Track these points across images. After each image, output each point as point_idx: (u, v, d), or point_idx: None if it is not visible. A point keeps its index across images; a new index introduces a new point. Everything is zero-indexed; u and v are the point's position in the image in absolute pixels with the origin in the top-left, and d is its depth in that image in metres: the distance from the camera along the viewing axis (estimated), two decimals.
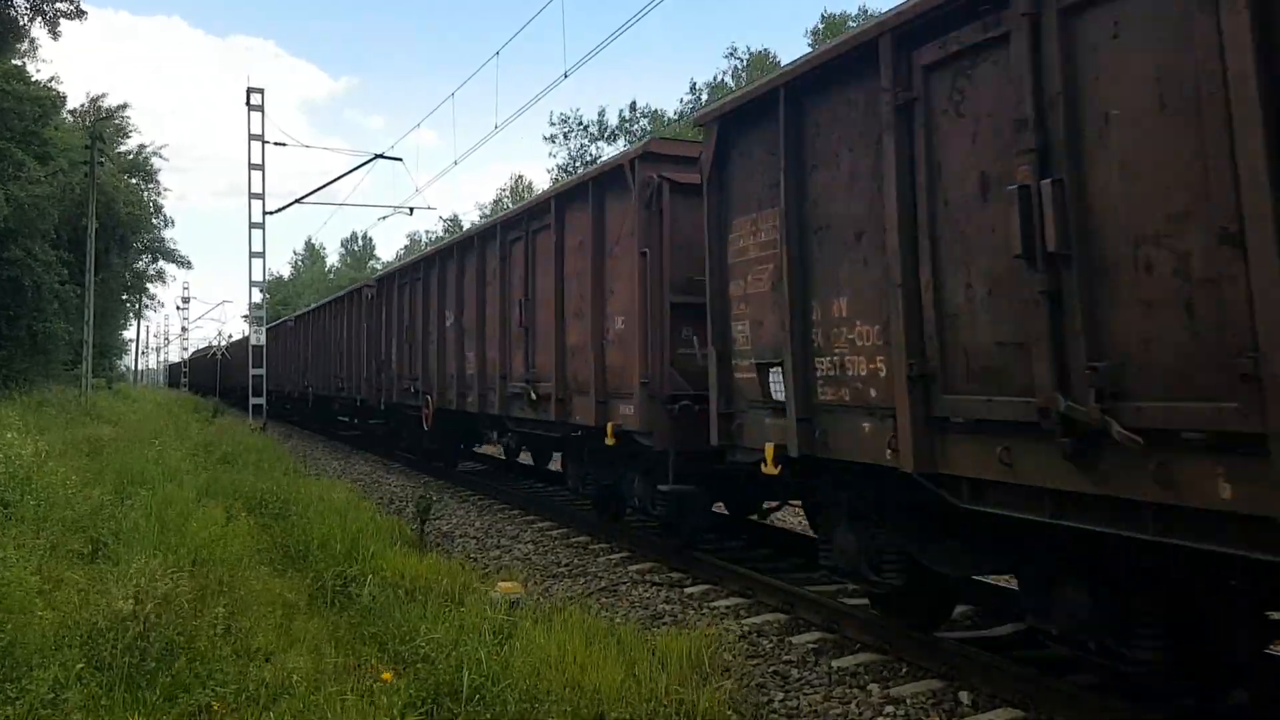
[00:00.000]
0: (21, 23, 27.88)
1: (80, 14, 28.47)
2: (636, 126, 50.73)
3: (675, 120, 47.50)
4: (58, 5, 27.95)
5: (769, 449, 6.26)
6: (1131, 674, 4.59)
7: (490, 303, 12.27)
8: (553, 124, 55.06)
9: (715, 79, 49.02)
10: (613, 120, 52.83)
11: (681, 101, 50.91)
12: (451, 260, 14.21)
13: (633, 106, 52.98)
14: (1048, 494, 4.41)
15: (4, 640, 4.56)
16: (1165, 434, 3.75)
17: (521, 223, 11.46)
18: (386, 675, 4.94)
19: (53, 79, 34.23)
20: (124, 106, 46.95)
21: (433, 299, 15.12)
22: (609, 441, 8.83)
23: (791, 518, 10.98)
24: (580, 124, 53.60)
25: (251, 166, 27.30)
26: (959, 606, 6.73)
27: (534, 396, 10.56)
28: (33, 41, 30.28)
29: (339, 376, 22.44)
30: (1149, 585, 4.40)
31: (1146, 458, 3.81)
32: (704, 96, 47.08)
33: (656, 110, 51.23)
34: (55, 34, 28.81)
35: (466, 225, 60.53)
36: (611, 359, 9.03)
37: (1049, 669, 5.52)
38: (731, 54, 49.57)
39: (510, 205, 52.65)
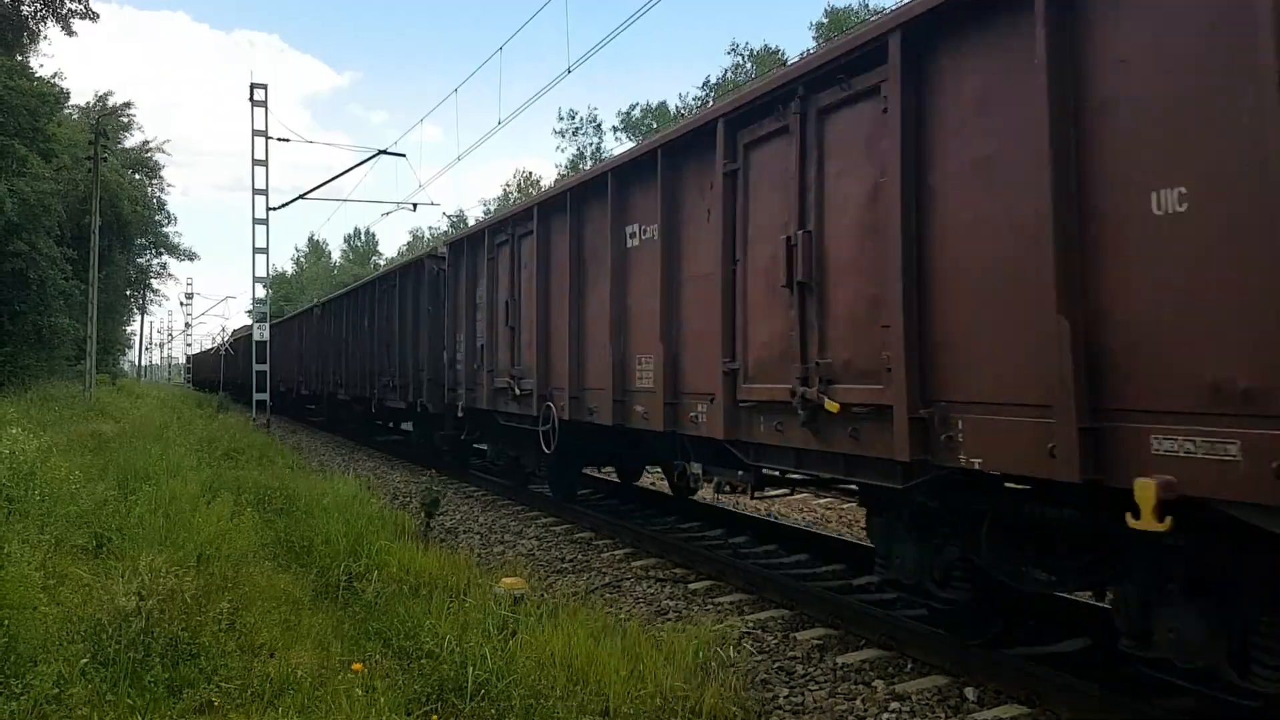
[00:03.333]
0: (32, 22, 27.98)
1: (92, 14, 28.62)
2: (645, 124, 50.73)
3: (681, 115, 47.44)
4: (70, 5, 28.08)
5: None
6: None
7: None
8: (561, 119, 55.16)
9: (724, 75, 49.00)
10: (610, 120, 52.90)
11: (681, 97, 50.89)
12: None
13: (653, 109, 52.90)
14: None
15: (8, 636, 4.56)
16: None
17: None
18: (357, 666, 4.92)
19: (55, 74, 34.35)
20: (129, 104, 47.09)
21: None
22: None
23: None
24: (593, 120, 53.66)
25: (255, 162, 27.30)
26: None
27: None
28: (45, 38, 30.39)
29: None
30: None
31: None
32: (712, 94, 47.00)
33: (669, 106, 51.21)
34: (70, 32, 28.95)
35: (471, 222, 60.45)
36: None
37: (1055, 665, 5.50)
38: (734, 50, 49.55)
39: (515, 199, 52.61)
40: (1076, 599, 6.26)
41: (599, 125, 54.06)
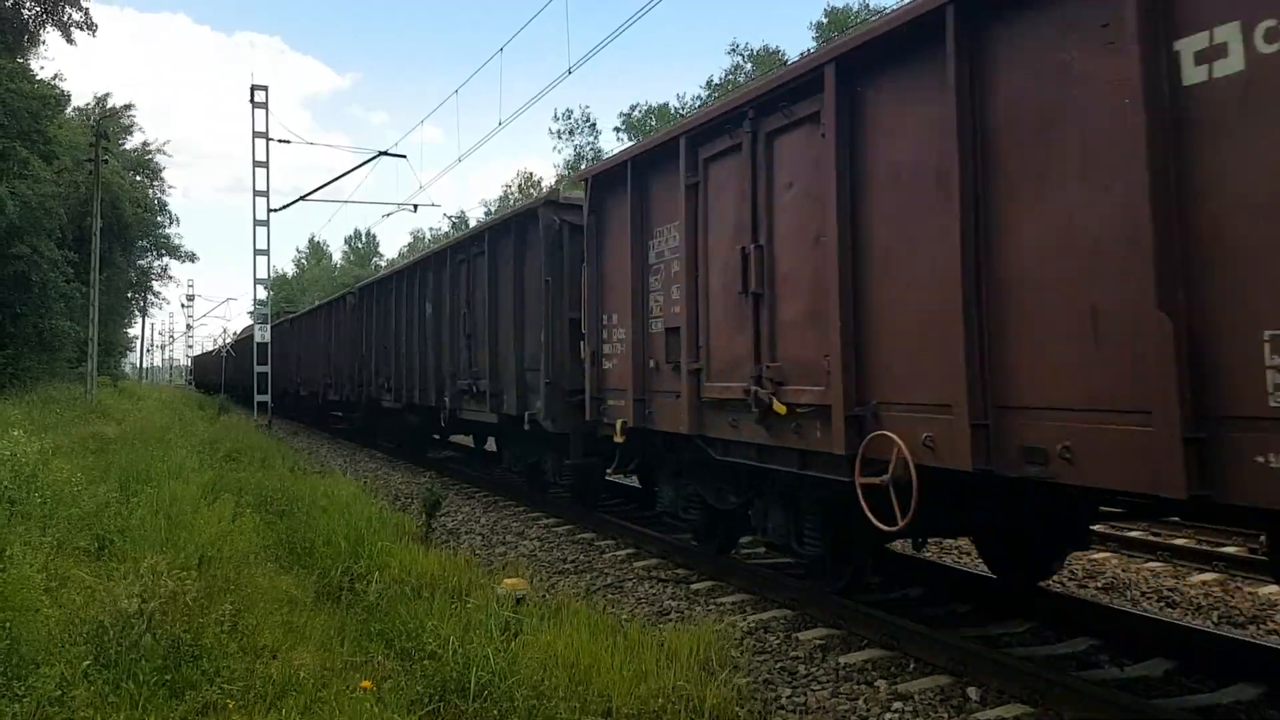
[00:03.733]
0: (31, 27, 28.06)
1: (92, 26, 28.75)
2: (646, 124, 50.72)
3: (681, 114, 47.47)
4: (71, 14, 28.19)
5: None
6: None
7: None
8: (556, 119, 55.09)
9: (725, 76, 48.98)
10: (612, 120, 52.87)
11: (678, 98, 50.83)
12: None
13: (655, 110, 52.89)
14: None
15: (11, 638, 4.56)
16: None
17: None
18: (366, 684, 4.82)
19: (56, 77, 34.41)
20: (129, 106, 47.14)
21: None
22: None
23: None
24: (587, 120, 53.60)
25: (256, 164, 27.38)
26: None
27: None
28: (44, 43, 30.51)
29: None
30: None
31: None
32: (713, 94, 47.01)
33: (669, 107, 51.16)
34: (70, 40, 29.10)
35: (473, 223, 60.43)
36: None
37: (1058, 665, 5.51)
38: (734, 50, 49.52)
39: (516, 201, 52.67)
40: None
41: (594, 125, 54.01)
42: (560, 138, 55.04)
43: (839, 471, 5.89)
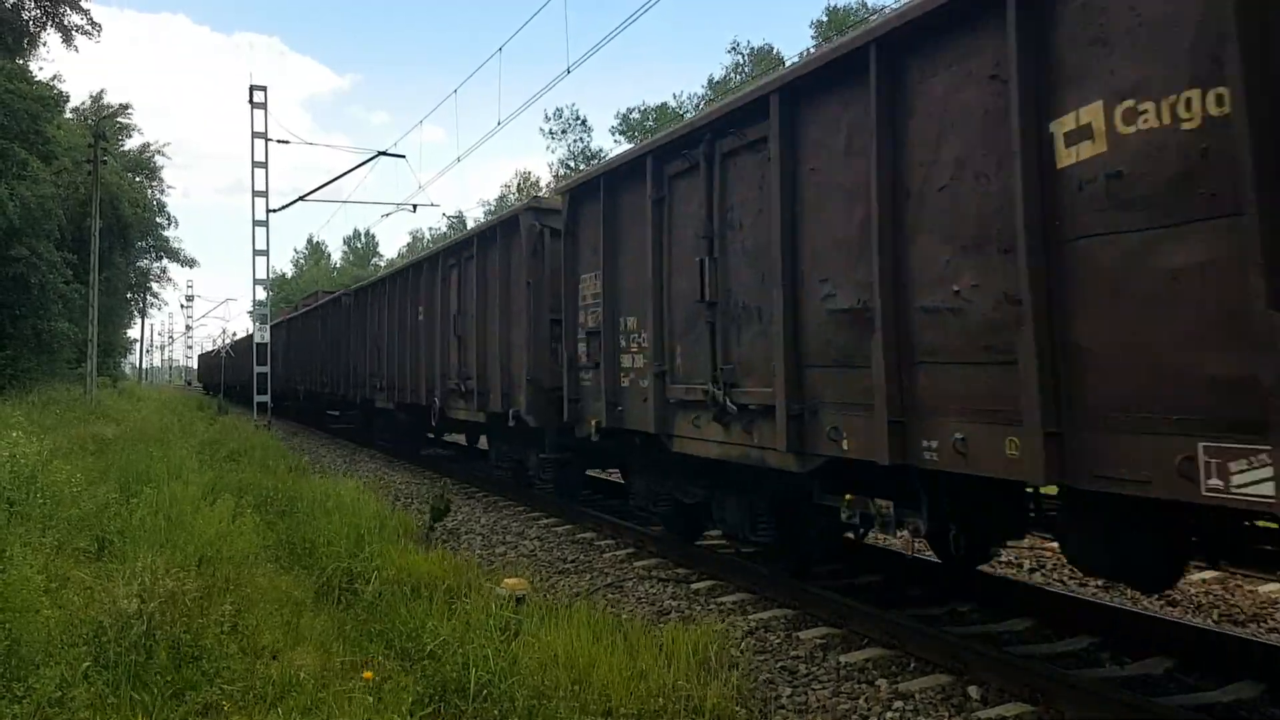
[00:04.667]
0: (32, 29, 28.09)
1: (96, 30, 28.79)
2: (649, 123, 50.71)
3: (681, 114, 47.43)
4: (73, 20, 28.23)
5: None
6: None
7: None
8: (548, 118, 54.99)
9: (725, 74, 48.98)
10: (611, 120, 52.82)
11: (676, 96, 50.80)
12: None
13: (652, 110, 52.88)
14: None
15: (11, 639, 4.55)
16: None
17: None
18: (368, 675, 4.88)
19: (55, 77, 34.42)
20: (127, 106, 47.13)
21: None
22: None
23: None
24: (578, 119, 53.53)
25: (255, 164, 27.33)
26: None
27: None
28: (44, 44, 30.57)
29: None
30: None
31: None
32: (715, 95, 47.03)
33: (666, 106, 51.13)
34: (72, 46, 29.18)
35: (471, 224, 60.40)
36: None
37: (1059, 664, 5.50)
38: (734, 49, 49.50)
39: (515, 200, 52.63)
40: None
41: (584, 122, 53.88)
42: (553, 137, 54.92)
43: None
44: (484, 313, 12.68)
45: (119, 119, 45.49)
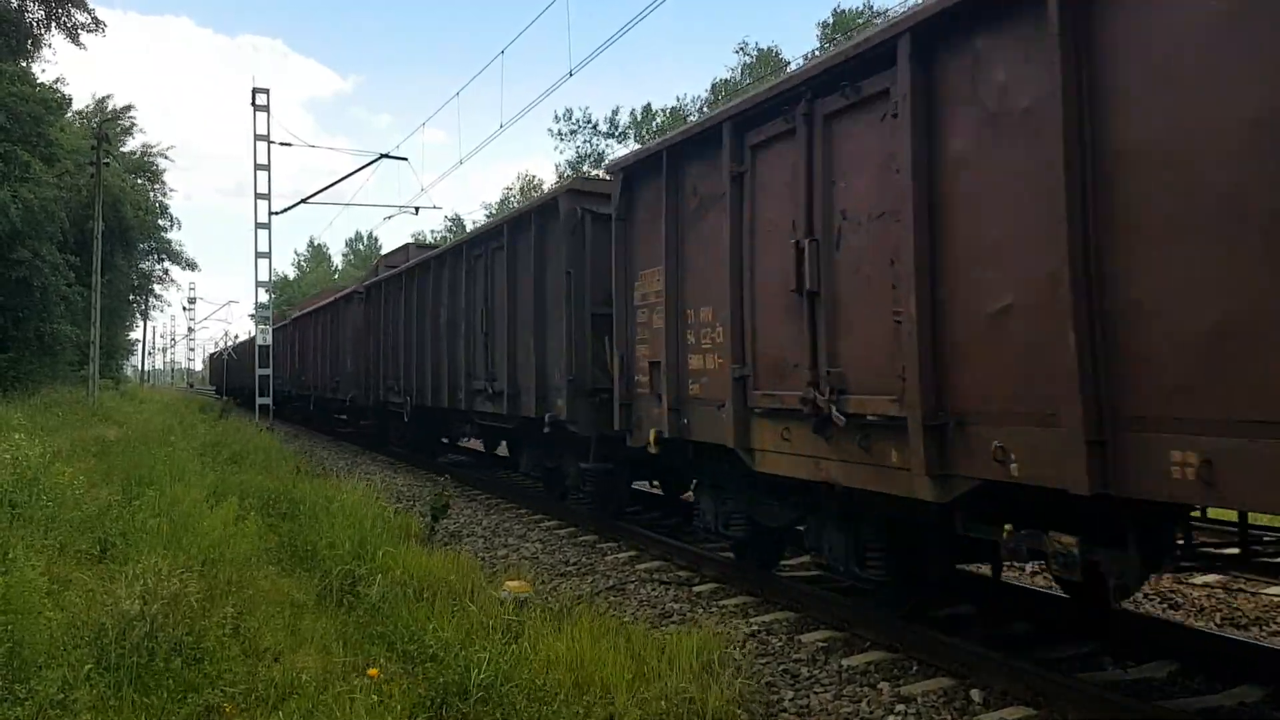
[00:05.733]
0: (35, 31, 28.17)
1: (99, 25, 28.86)
2: (655, 123, 50.72)
3: (691, 114, 47.42)
4: (76, 18, 28.30)
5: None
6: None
7: None
8: (557, 120, 54.97)
9: (731, 76, 49.02)
10: (624, 119, 52.81)
11: (678, 98, 50.81)
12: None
13: (646, 109, 52.91)
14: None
15: (13, 641, 4.55)
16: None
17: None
18: (373, 671, 4.88)
19: (58, 80, 34.49)
20: (129, 107, 47.17)
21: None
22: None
23: None
24: (588, 121, 53.52)
25: (257, 167, 27.39)
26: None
27: None
28: (49, 45, 30.66)
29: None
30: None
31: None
32: (722, 94, 47.06)
33: (674, 107, 51.15)
34: (78, 43, 29.27)
35: (469, 226, 60.40)
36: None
37: (1061, 667, 5.49)
38: (742, 49, 49.63)
39: (516, 203, 52.67)
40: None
41: (595, 126, 53.88)
42: (561, 138, 54.90)
43: None
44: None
45: (121, 121, 45.51)
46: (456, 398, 13.84)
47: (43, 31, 28.79)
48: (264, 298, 28.80)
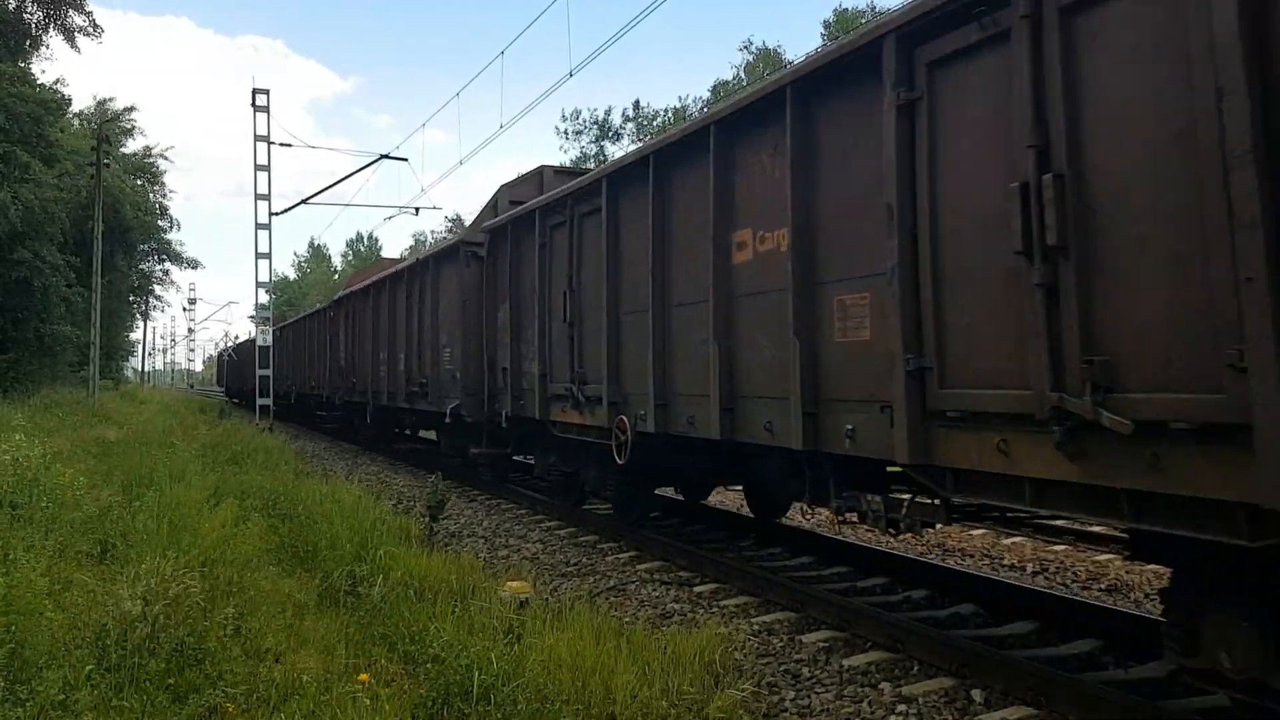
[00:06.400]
0: (34, 31, 28.20)
1: (97, 30, 28.90)
2: (657, 122, 50.73)
3: (684, 116, 47.44)
4: (74, 20, 28.33)
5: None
6: None
7: None
8: (564, 119, 55.01)
9: (733, 77, 49.09)
10: (617, 119, 52.83)
11: (679, 99, 50.78)
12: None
13: (636, 105, 52.96)
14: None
15: (14, 642, 4.55)
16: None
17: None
18: (364, 676, 4.86)
19: (58, 81, 34.50)
20: (131, 109, 47.17)
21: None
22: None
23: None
24: (596, 122, 53.55)
25: (257, 168, 27.37)
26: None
27: None
28: (47, 46, 30.67)
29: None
30: None
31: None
32: (718, 93, 47.09)
33: (673, 108, 51.18)
34: (75, 46, 29.30)
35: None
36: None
37: (1062, 666, 5.49)
38: (746, 48, 49.82)
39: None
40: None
41: (603, 126, 53.86)
42: (567, 137, 54.94)
43: None
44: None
45: (122, 122, 45.51)
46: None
47: (42, 32, 28.83)
48: (264, 298, 28.77)
